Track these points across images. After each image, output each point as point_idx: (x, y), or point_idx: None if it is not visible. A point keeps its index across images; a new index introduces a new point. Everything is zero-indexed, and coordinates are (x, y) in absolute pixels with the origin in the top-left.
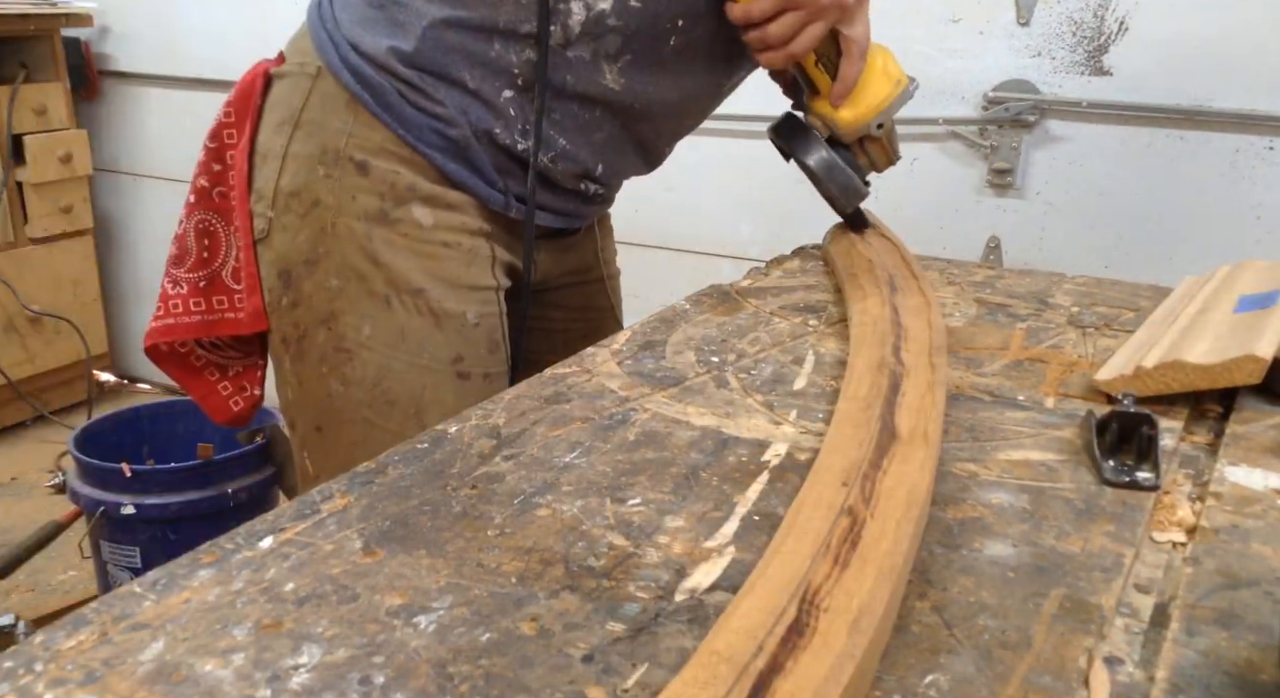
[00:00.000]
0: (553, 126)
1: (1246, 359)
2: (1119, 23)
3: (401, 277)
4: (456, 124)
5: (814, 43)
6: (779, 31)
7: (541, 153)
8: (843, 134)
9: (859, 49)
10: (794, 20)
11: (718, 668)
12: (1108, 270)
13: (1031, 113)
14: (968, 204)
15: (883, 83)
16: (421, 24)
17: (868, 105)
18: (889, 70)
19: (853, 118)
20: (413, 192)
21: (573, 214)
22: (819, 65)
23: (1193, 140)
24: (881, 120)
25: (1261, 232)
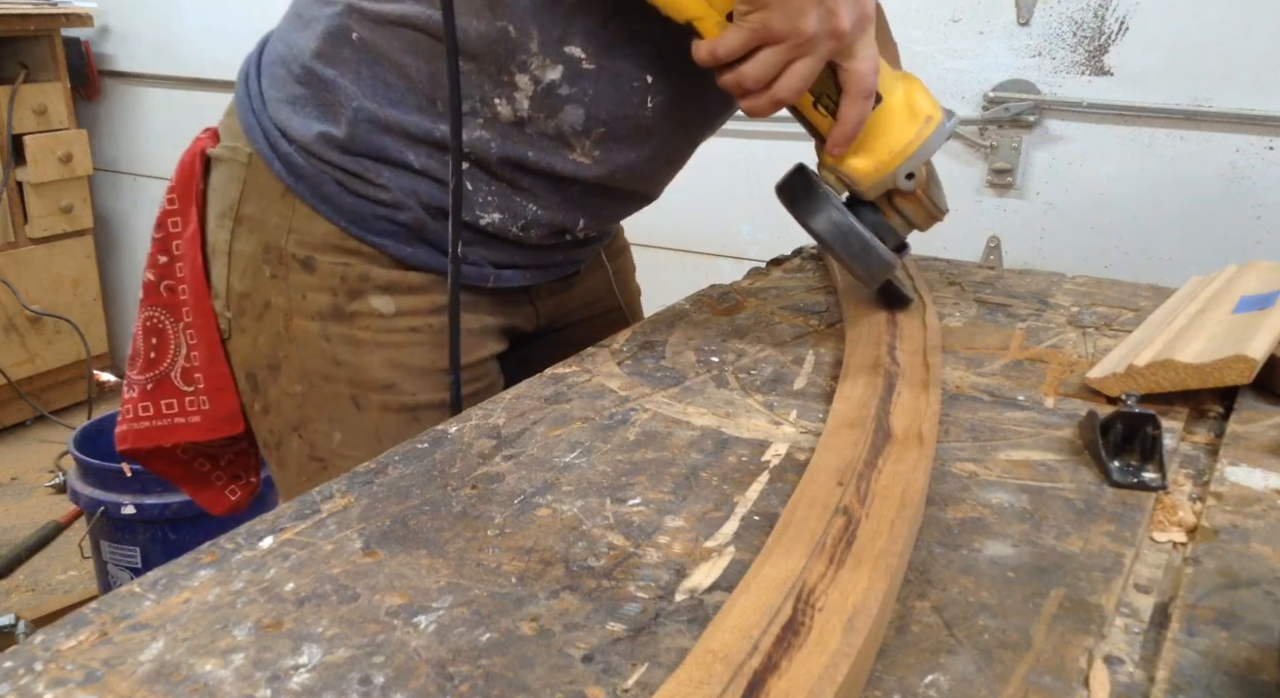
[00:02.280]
0: (520, 196)
1: (1237, 359)
2: (1119, 23)
3: (367, 374)
4: (406, 207)
5: (803, 83)
6: (756, 73)
7: (509, 223)
8: (861, 190)
9: (863, 85)
10: (772, 58)
11: (713, 667)
12: (1108, 270)
13: (1031, 113)
14: (968, 204)
15: (907, 122)
16: (351, 106)
17: (889, 151)
18: (915, 106)
19: (869, 169)
20: (366, 282)
21: (563, 263)
22: (819, 107)
23: (1193, 140)
24: (910, 169)
25: (1262, 232)
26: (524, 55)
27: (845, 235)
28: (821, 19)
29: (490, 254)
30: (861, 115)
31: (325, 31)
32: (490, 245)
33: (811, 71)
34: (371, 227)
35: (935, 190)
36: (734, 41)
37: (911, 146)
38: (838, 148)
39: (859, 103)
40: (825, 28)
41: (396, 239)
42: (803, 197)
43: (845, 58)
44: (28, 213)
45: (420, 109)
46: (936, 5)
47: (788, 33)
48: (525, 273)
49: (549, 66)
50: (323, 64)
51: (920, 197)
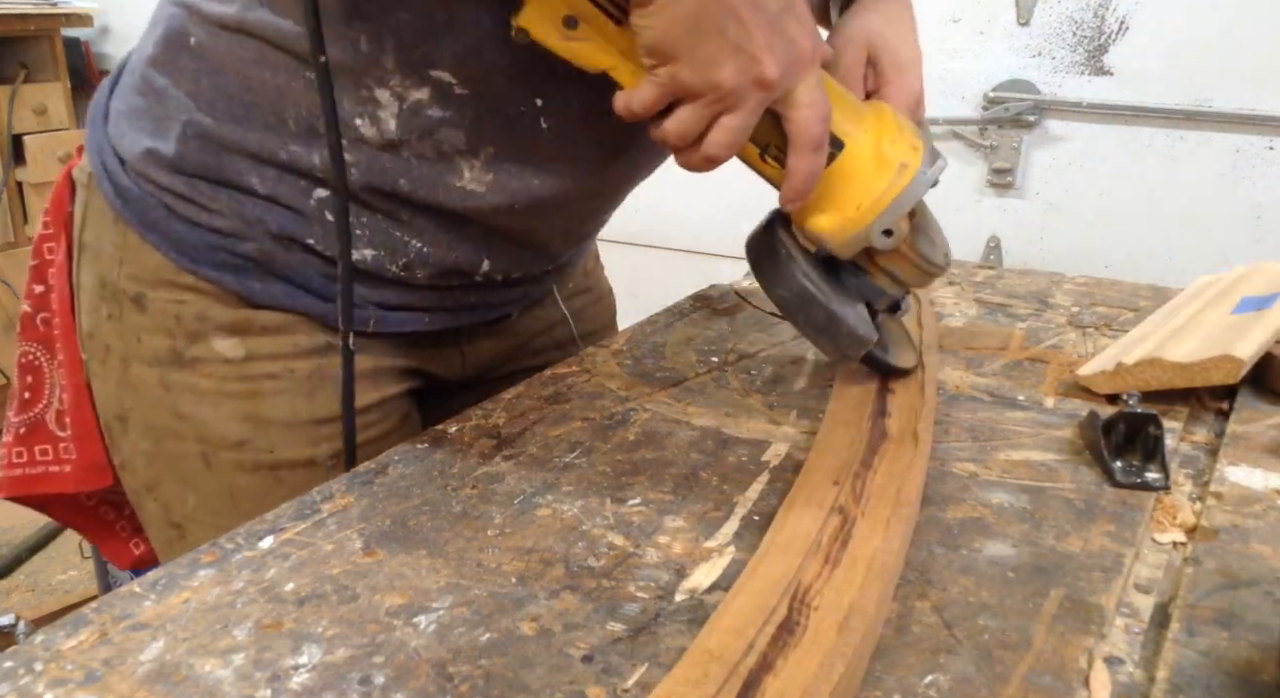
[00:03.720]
0: (399, 230)
1: (1224, 359)
2: (1119, 23)
3: (214, 429)
4: (248, 237)
5: (735, 138)
6: (678, 130)
7: (387, 261)
8: (831, 250)
9: (806, 138)
10: (693, 115)
11: (709, 667)
12: (1108, 270)
13: (1031, 113)
14: (968, 204)
15: (875, 172)
16: (181, 120)
17: (855, 207)
18: (885, 153)
19: (835, 227)
20: (205, 322)
21: (479, 307)
22: (767, 160)
23: (1193, 140)
24: (885, 225)
25: (1262, 231)
26: (380, 72)
27: (807, 306)
28: (741, 69)
29: (370, 293)
30: (811, 169)
31: (163, 34)
32: (369, 284)
33: (742, 126)
34: (205, 258)
35: (925, 244)
36: (646, 96)
37: (882, 201)
38: (789, 204)
39: (806, 156)
40: (747, 78)
41: (239, 274)
42: (765, 258)
43: (785, 106)
44: (28, 213)
45: (268, 127)
46: (936, 5)
47: (702, 87)
48: (424, 316)
49: (411, 87)
50: (157, 71)
51: (906, 252)
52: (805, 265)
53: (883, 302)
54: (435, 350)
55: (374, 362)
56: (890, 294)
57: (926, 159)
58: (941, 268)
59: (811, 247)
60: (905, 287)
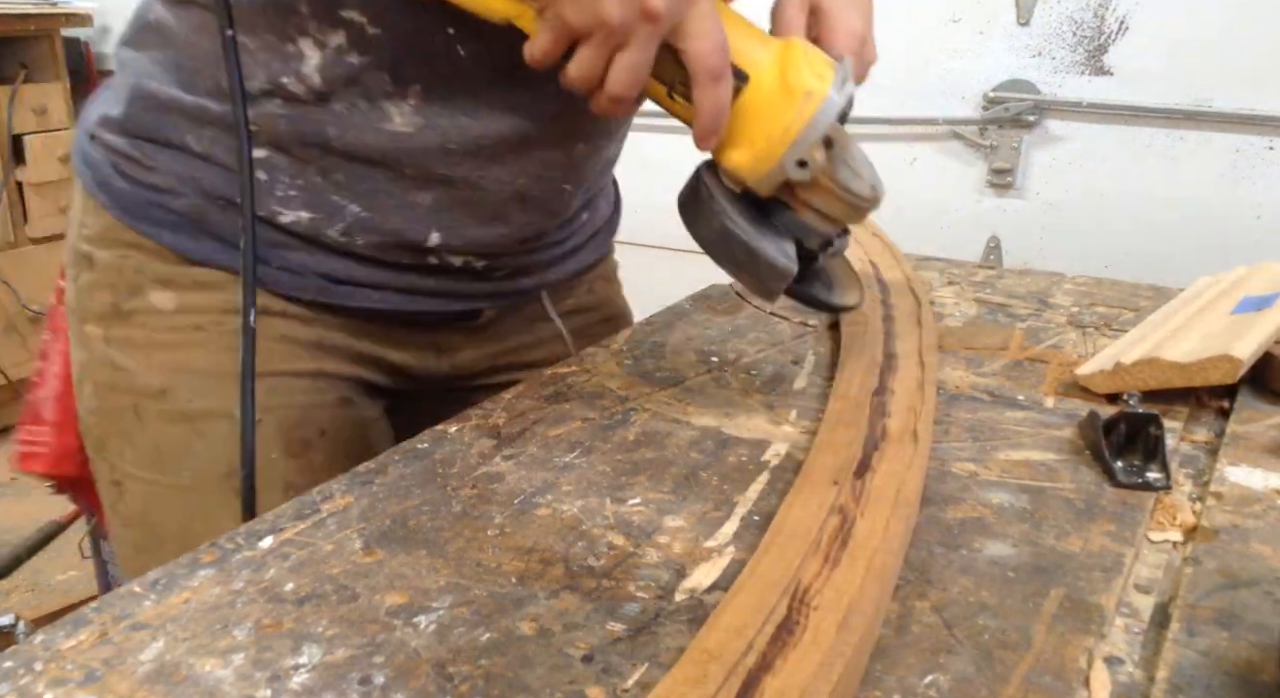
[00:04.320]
0: (335, 191)
1: (1222, 359)
2: (1119, 23)
3: (142, 379)
4: (180, 193)
5: (633, 76)
6: (578, 72)
7: (323, 224)
8: (751, 187)
9: (704, 68)
10: (589, 54)
11: (708, 667)
12: (1108, 270)
13: (1031, 113)
14: (968, 204)
15: (782, 102)
16: (129, 84)
17: (765, 139)
18: (791, 81)
19: (748, 162)
20: (143, 275)
21: (440, 294)
22: (674, 97)
23: (1193, 140)
24: (797, 155)
25: (1262, 232)
26: (298, 19)
27: (727, 243)
28: (624, 2)
29: (312, 261)
30: (717, 102)
31: (134, 16)
32: (308, 250)
33: (637, 62)
34: (145, 215)
35: (847, 174)
36: (543, 42)
37: (791, 130)
38: (702, 142)
39: (708, 88)
40: (631, 11)
41: (175, 230)
42: (689, 201)
43: (679, 38)
44: (28, 213)
45: (210, 93)
46: (936, 5)
47: (590, 24)
48: (373, 294)
49: (328, 31)
50: (128, 49)
51: (826, 184)
52: (724, 203)
53: (814, 239)
54: (405, 340)
55: (319, 334)
56: (821, 230)
57: (835, 85)
58: (867, 200)
59: (735, 186)
60: (836, 222)
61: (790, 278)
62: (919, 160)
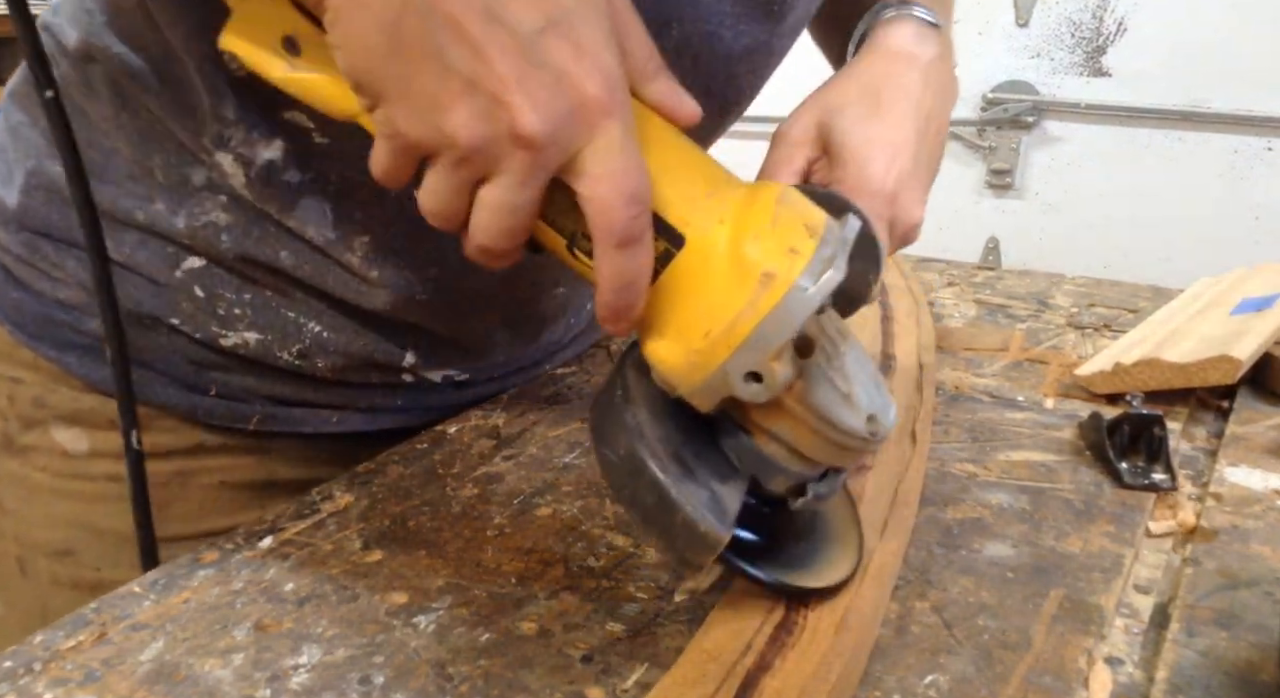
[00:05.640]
0: (291, 308)
1: (1222, 359)
2: (1118, 23)
3: (37, 532)
4: (92, 312)
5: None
6: (431, 205)
7: (276, 346)
8: (683, 396)
9: (608, 226)
10: (440, 184)
11: (707, 667)
12: (1107, 271)
13: (1030, 114)
14: (966, 205)
15: (729, 285)
16: (27, 165)
17: (703, 333)
18: (747, 254)
19: (677, 364)
20: (44, 408)
21: (422, 409)
22: (575, 253)
23: (1191, 141)
24: (751, 365)
25: (1260, 232)
26: (216, 124)
27: (633, 479)
28: (480, 114)
29: (259, 384)
30: (624, 273)
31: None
32: (254, 373)
33: (506, 202)
34: (45, 334)
35: (829, 398)
36: (380, 154)
37: (738, 329)
38: (606, 324)
39: (610, 256)
40: (493, 130)
41: (85, 355)
42: (599, 403)
43: (573, 178)
44: None
45: (132, 177)
46: None
47: (432, 140)
48: (330, 416)
49: (259, 142)
50: (15, 106)
51: (794, 410)
52: (644, 416)
53: (778, 481)
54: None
55: (268, 470)
56: (789, 469)
57: (813, 267)
58: (860, 439)
59: (667, 388)
60: (809, 461)
61: (717, 548)
62: None
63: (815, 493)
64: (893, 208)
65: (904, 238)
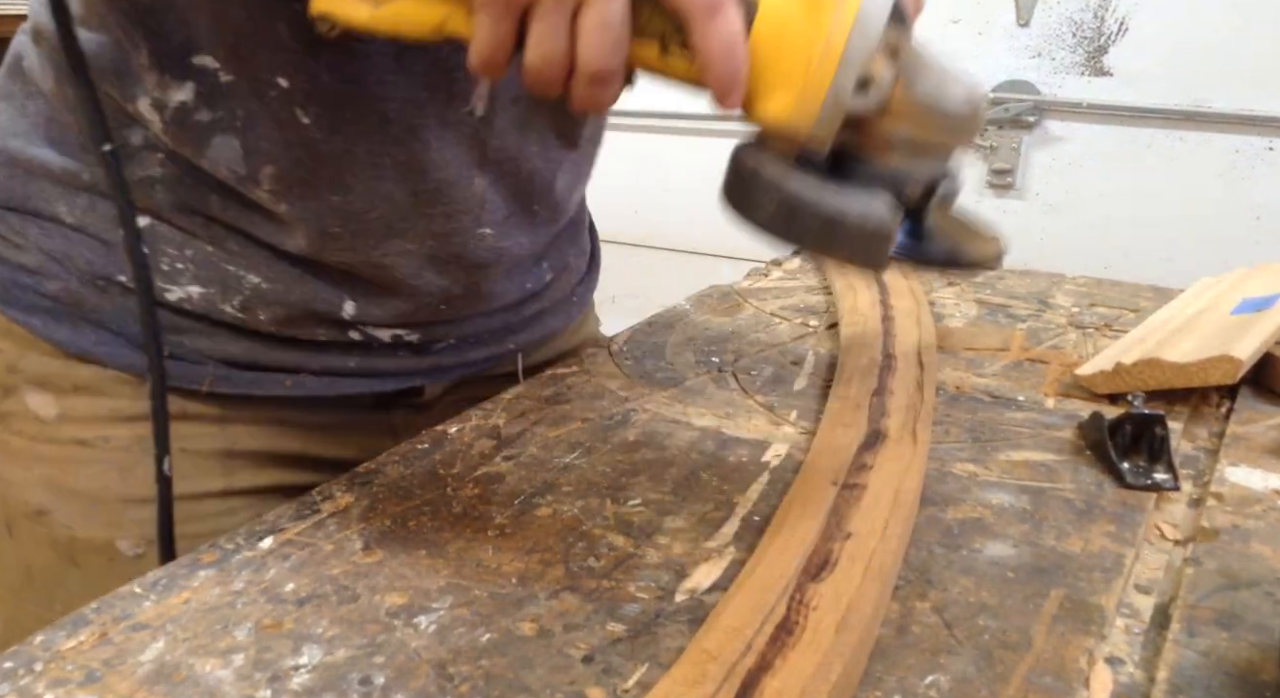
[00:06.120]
0: (230, 261)
1: (1222, 359)
2: (1119, 23)
3: (16, 493)
4: (52, 275)
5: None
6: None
7: (219, 299)
8: (806, 140)
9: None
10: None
11: (707, 667)
12: (1108, 271)
13: (1031, 113)
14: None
15: (811, 16)
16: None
17: (804, 66)
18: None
19: (791, 108)
20: (16, 373)
21: (377, 375)
22: (670, 54)
23: (1192, 141)
24: (853, 77)
25: (1261, 232)
26: (138, 70)
27: (796, 217)
28: None
29: (210, 345)
30: (724, 42)
31: (7, 60)
32: (202, 331)
33: (609, 14)
34: (14, 299)
35: (928, 83)
36: (486, 36)
37: (834, 45)
38: (725, 98)
39: (709, 25)
40: None
41: (48, 318)
42: (734, 189)
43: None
44: None
45: (85, 148)
46: (936, 5)
47: None
48: (284, 379)
49: (171, 84)
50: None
51: (904, 106)
52: (778, 172)
53: (911, 186)
54: (341, 428)
55: (229, 438)
56: (917, 172)
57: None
58: (965, 114)
59: (787, 148)
60: (934, 153)
61: (893, 234)
62: None
63: (945, 190)
64: None
65: None
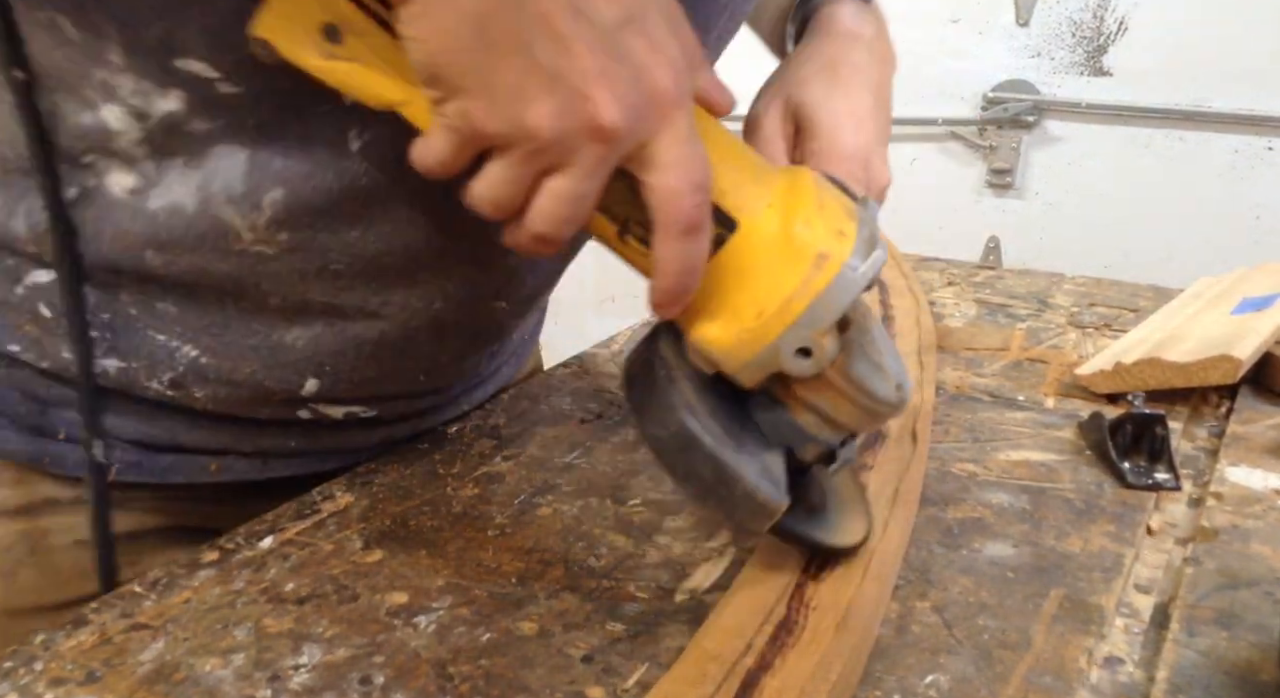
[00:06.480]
0: (157, 327)
1: (1222, 359)
2: (1118, 23)
3: None
4: None
5: (569, 210)
6: (490, 195)
7: (143, 374)
8: (729, 373)
9: (675, 213)
10: (504, 173)
11: (707, 666)
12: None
13: (1031, 113)
14: (967, 204)
15: (783, 265)
16: None
17: (757, 313)
18: (800, 237)
19: (728, 342)
20: None
21: (319, 453)
22: (627, 240)
23: (1192, 140)
24: (803, 341)
25: (1261, 232)
26: (103, 71)
27: (688, 453)
28: (562, 109)
29: (122, 424)
30: (685, 261)
31: None
32: (120, 412)
33: (576, 192)
34: None
35: (865, 369)
36: (437, 146)
37: (793, 306)
38: (662, 308)
39: (674, 242)
40: (574, 124)
41: None
42: (639, 380)
43: (641, 167)
44: None
45: None
46: (936, 5)
47: (509, 133)
48: (207, 463)
49: (154, 91)
50: None
51: (836, 382)
52: (690, 394)
53: (810, 450)
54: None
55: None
56: (820, 438)
57: (859, 248)
58: (891, 406)
59: (706, 367)
60: (842, 428)
61: (776, 515)
62: (918, 161)
63: (844, 458)
64: (866, 171)
65: (879, 199)
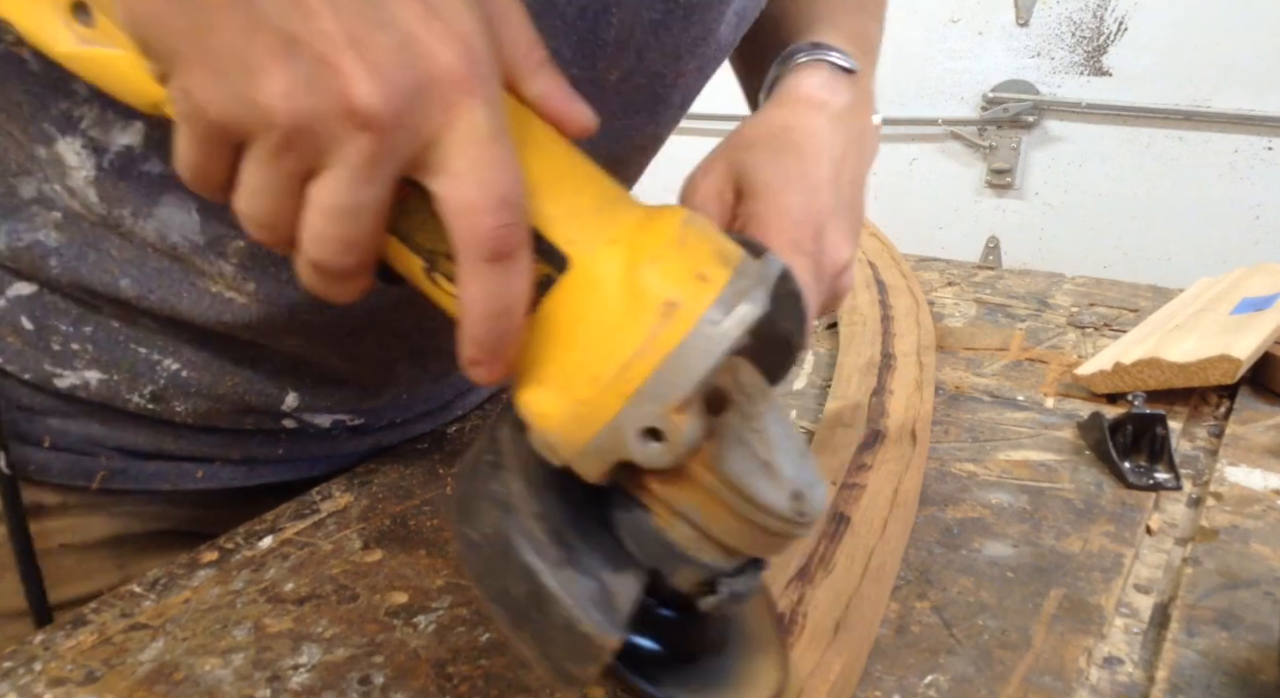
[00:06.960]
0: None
1: (1222, 359)
2: (1118, 23)
3: None
4: None
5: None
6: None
7: (123, 388)
8: (563, 460)
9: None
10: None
11: None
12: (1107, 271)
13: (1030, 113)
14: (967, 204)
15: (621, 316)
16: None
17: (590, 377)
18: (646, 281)
19: (556, 416)
20: None
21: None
22: (435, 279)
23: (1192, 140)
24: (649, 419)
25: (1261, 232)
26: (66, 102)
27: (499, 564)
28: (302, 83)
29: (106, 433)
30: (494, 298)
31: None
32: (105, 420)
33: (347, 203)
34: None
35: (744, 465)
36: (179, 144)
37: (635, 371)
38: (470, 365)
39: (475, 271)
40: (319, 102)
41: None
42: (466, 471)
43: (426, 173)
44: None
45: None
46: (936, 5)
47: (242, 115)
48: (193, 470)
49: (115, 124)
50: None
51: (703, 479)
52: (516, 488)
53: (684, 574)
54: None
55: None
56: (698, 559)
57: (725, 298)
58: (784, 519)
59: (550, 455)
60: (727, 548)
61: (602, 655)
62: (918, 161)
63: (730, 591)
64: (818, 243)
65: (835, 283)
